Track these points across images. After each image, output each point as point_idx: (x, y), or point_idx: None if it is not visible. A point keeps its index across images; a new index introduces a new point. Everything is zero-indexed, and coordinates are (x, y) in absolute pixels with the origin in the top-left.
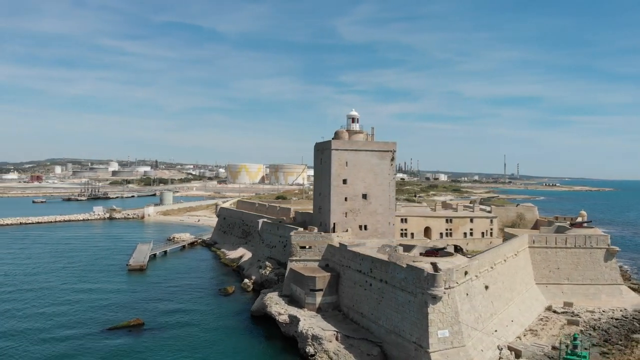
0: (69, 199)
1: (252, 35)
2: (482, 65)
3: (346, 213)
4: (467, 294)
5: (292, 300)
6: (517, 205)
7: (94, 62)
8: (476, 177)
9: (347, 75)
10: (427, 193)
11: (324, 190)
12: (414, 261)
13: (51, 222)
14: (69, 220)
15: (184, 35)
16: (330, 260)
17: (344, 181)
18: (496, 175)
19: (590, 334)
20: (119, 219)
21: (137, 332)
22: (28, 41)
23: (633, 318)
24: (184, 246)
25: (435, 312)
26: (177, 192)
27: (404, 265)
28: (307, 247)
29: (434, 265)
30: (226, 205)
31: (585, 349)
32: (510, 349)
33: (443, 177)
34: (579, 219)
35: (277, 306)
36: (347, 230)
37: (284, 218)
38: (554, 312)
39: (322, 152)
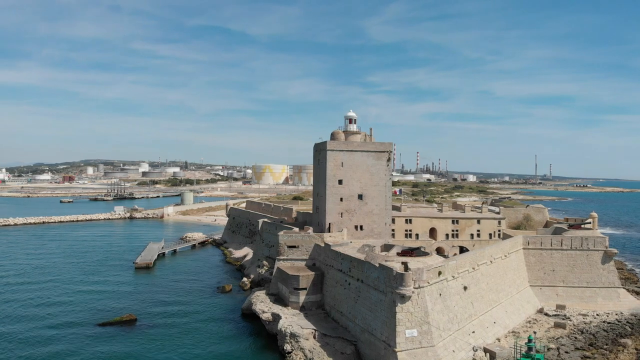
0: (95, 199)
1: (281, 38)
2: (514, 64)
3: (342, 213)
4: (440, 294)
5: (279, 298)
6: (526, 207)
7: (128, 66)
8: (506, 178)
9: (376, 76)
10: (451, 194)
11: (320, 190)
12: (386, 260)
13: (73, 221)
14: (90, 220)
15: (215, 39)
16: (317, 260)
17: (340, 182)
18: (527, 176)
19: (576, 338)
20: (139, 218)
21: (129, 328)
22: (64, 45)
23: (627, 322)
24: (194, 245)
25: (404, 312)
26: (202, 192)
27: (377, 265)
28: (295, 246)
29: (405, 264)
30: (239, 205)
31: (538, 350)
32: (485, 350)
33: (471, 178)
34: (589, 221)
35: (262, 304)
36: (341, 230)
37: (285, 218)
38: (546, 314)
39: (319, 152)
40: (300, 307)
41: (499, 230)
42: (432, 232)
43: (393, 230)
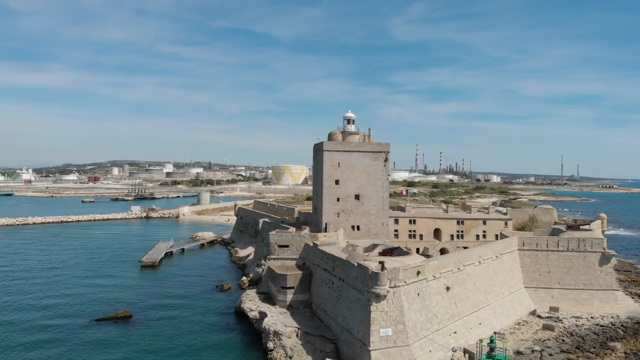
0: (116, 199)
1: (304, 39)
2: (540, 63)
3: (338, 213)
4: (418, 294)
5: (268, 297)
6: (534, 208)
7: (154, 68)
8: (532, 179)
9: (399, 76)
10: (471, 195)
11: (318, 190)
12: (364, 260)
13: (90, 220)
14: (108, 219)
15: (239, 40)
16: (306, 259)
17: (337, 182)
18: (553, 177)
19: (563, 340)
20: (155, 218)
21: (123, 324)
22: (92, 48)
23: (621, 325)
24: (202, 244)
25: (378, 311)
26: (222, 192)
27: (356, 264)
28: (286, 246)
29: (382, 264)
30: (249, 205)
31: (500, 350)
32: (465, 351)
33: (495, 179)
34: (597, 222)
35: (251, 303)
36: (336, 230)
37: (287, 218)
38: (538, 316)
39: (318, 153)
40: (287, 306)
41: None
42: (437, 233)
43: (396, 230)
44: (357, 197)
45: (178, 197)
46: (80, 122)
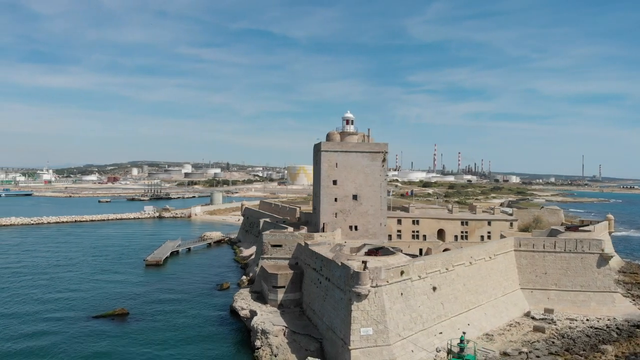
0: (132, 199)
1: (321, 39)
2: (560, 61)
3: (336, 213)
4: (401, 294)
5: (260, 296)
6: (541, 208)
7: (173, 70)
8: (552, 180)
9: (417, 75)
10: (487, 196)
11: (317, 190)
12: (348, 259)
13: (103, 220)
14: (121, 219)
15: (257, 42)
16: (299, 259)
17: (334, 182)
18: (575, 177)
19: (553, 342)
20: (167, 217)
21: (119, 321)
22: (112, 50)
23: (616, 328)
24: (209, 244)
25: (359, 310)
26: (237, 192)
27: (340, 264)
28: (279, 245)
29: (364, 263)
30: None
31: (469, 350)
32: (449, 352)
33: (515, 179)
34: (604, 223)
35: (243, 301)
36: (333, 230)
37: (288, 218)
38: (532, 318)
39: (316, 153)
40: (278, 305)
41: (512, 232)
42: (441, 234)
43: (399, 231)
44: (355, 197)
45: (193, 197)
46: (101, 123)
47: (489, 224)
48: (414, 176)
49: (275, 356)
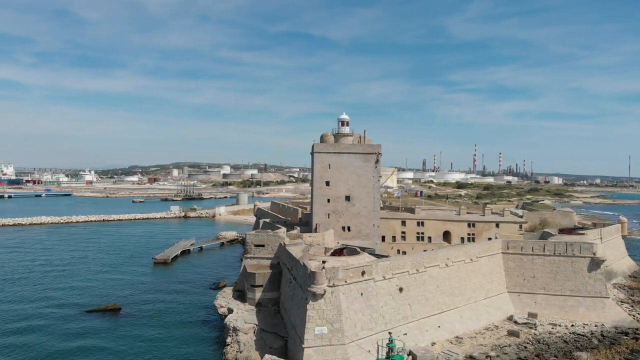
0: (165, 199)
1: (361, 40)
2: (609, 59)
3: (329, 214)
4: (361, 294)
5: (242, 295)
6: (553, 210)
7: (215, 73)
8: (597, 181)
9: (458, 74)
10: (522, 197)
11: (311, 191)
12: (310, 259)
13: (130, 219)
14: (147, 218)
15: (297, 44)
16: (280, 258)
17: (327, 183)
18: (622, 178)
19: (525, 347)
20: (192, 217)
21: (111, 316)
22: (156, 55)
23: (601, 334)
24: (222, 243)
25: (315, 309)
26: (268, 193)
27: (302, 263)
28: (262, 245)
29: (323, 263)
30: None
31: (399, 350)
32: (410, 352)
33: (556, 180)
34: (616, 226)
35: (223, 299)
36: (325, 231)
37: (289, 218)
38: (515, 322)
39: (311, 154)
40: (256, 304)
41: (521, 235)
42: (447, 236)
43: (404, 232)
44: (347, 198)
45: (225, 197)
46: (146, 125)
47: (497, 226)
48: (451, 177)
49: (240, 352)
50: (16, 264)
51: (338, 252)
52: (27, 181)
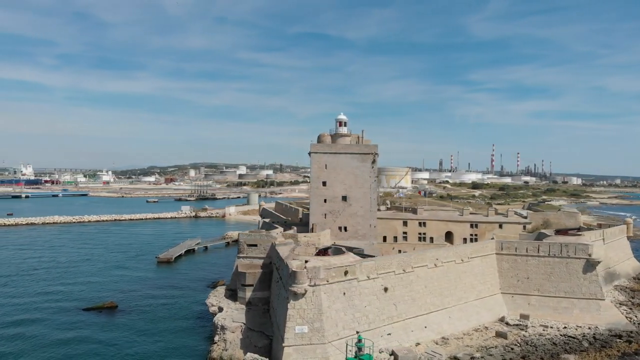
0: (179, 199)
1: (378, 40)
2: (631, 57)
3: (325, 214)
4: (344, 293)
5: (234, 294)
6: (558, 211)
7: (233, 74)
8: (617, 181)
9: (477, 74)
10: (537, 198)
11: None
12: (293, 259)
13: (141, 219)
14: (158, 218)
15: (314, 45)
16: (272, 258)
17: (324, 183)
18: None
19: (512, 349)
20: (203, 217)
21: (107, 314)
22: (175, 56)
23: (592, 337)
24: (228, 242)
25: (295, 309)
26: (280, 193)
27: (286, 263)
28: (254, 245)
29: (305, 262)
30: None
31: (368, 348)
32: (392, 353)
33: (575, 180)
34: (621, 227)
35: (214, 298)
36: (322, 231)
37: (289, 218)
38: (507, 324)
39: (309, 154)
40: (246, 303)
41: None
42: (449, 236)
43: (405, 233)
44: (344, 198)
45: (238, 197)
46: (165, 126)
47: (500, 226)
48: (467, 177)
49: (225, 351)
50: (23, 261)
51: (322, 252)
52: (46, 181)
